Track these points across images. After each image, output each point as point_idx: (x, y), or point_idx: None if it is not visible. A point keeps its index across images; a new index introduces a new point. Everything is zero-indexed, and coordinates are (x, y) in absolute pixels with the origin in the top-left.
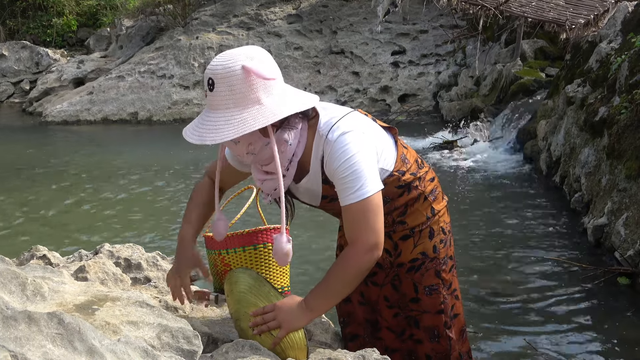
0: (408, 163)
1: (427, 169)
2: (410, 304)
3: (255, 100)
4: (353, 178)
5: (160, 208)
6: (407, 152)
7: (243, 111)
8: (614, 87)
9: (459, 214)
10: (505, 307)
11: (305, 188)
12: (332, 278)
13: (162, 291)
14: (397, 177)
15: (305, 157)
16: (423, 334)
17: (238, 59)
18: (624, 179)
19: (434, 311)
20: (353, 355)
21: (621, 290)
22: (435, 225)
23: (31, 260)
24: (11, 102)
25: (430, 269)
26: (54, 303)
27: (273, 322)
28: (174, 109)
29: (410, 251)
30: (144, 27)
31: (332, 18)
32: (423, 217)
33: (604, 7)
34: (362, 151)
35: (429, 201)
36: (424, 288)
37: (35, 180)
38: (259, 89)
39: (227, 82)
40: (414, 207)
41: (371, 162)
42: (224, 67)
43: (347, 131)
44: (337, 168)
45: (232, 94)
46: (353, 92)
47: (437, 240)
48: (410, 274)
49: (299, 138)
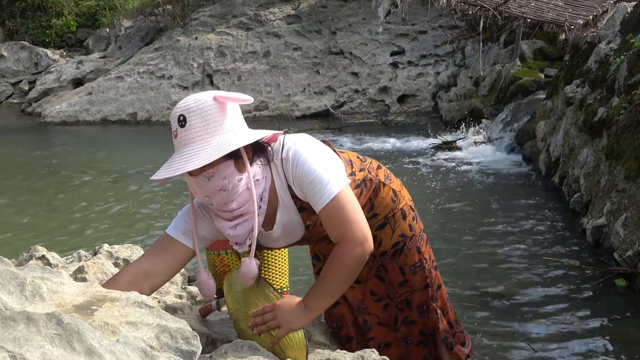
0: (353, 163)
1: (369, 160)
2: (399, 288)
3: (229, 129)
4: (319, 180)
5: (159, 209)
6: (347, 154)
7: (221, 136)
8: (613, 88)
9: (457, 214)
10: (504, 308)
11: (281, 227)
12: (327, 277)
13: (161, 292)
14: (352, 180)
15: (271, 192)
16: (415, 313)
17: (207, 95)
18: (623, 180)
19: (422, 287)
20: (352, 355)
21: (620, 290)
22: (404, 205)
23: (30, 261)
24: (10, 103)
25: (411, 247)
26: (53, 304)
27: (272, 322)
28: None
29: (390, 237)
30: (143, 27)
31: (331, 18)
32: (390, 203)
33: (603, 8)
34: (315, 154)
35: (388, 185)
36: (409, 268)
37: (34, 181)
38: (233, 117)
39: (201, 113)
40: (379, 197)
41: (329, 162)
42: (196, 101)
43: (294, 143)
44: (301, 176)
45: (207, 124)
46: (352, 93)
47: (410, 218)
48: (395, 258)
49: (264, 173)
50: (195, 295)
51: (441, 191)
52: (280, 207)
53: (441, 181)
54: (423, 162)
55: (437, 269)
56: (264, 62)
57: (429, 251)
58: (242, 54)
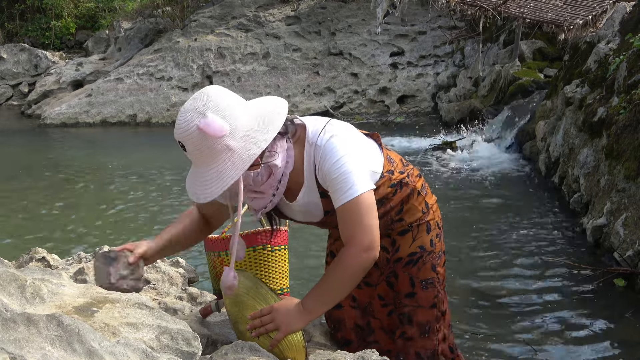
0: (394, 163)
1: (411, 167)
2: (405, 299)
3: (223, 149)
4: (343, 178)
5: (159, 210)
6: (391, 153)
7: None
8: (612, 88)
9: (457, 215)
10: (503, 308)
11: (302, 204)
12: (329, 279)
13: (161, 293)
14: (388, 178)
15: (297, 171)
16: (415, 330)
17: (192, 117)
18: (623, 179)
19: (428, 305)
20: (352, 356)
21: (620, 290)
22: (431, 220)
23: (30, 263)
24: (10, 105)
25: (427, 262)
26: (53, 305)
27: (271, 325)
28: (172, 111)
29: (409, 245)
30: (143, 29)
31: (330, 20)
32: (419, 212)
33: (602, 8)
34: (350, 153)
35: (422, 196)
36: (420, 282)
37: (34, 182)
38: (223, 137)
39: (191, 143)
40: (410, 204)
41: (360, 163)
42: (184, 130)
43: (334, 135)
44: (328, 170)
45: (201, 153)
46: (352, 94)
47: (434, 234)
48: (408, 268)
49: (288, 158)
50: (195, 297)
51: (441, 191)
52: (304, 186)
53: (441, 181)
54: (423, 162)
55: (445, 294)
56: (263, 64)
57: (443, 273)
58: (242, 55)
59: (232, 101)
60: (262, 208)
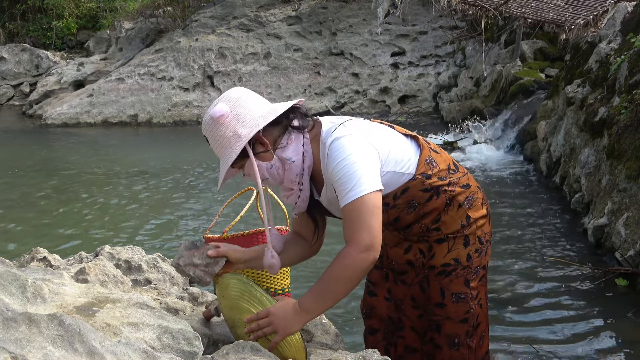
0: (435, 167)
1: (460, 175)
2: (435, 308)
3: (234, 136)
4: (345, 180)
5: (160, 210)
6: (437, 156)
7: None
8: (613, 88)
9: None
10: (505, 307)
11: (326, 200)
12: (327, 279)
13: (162, 293)
14: (421, 181)
15: (317, 167)
16: (443, 340)
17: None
18: (624, 179)
19: (458, 319)
20: (353, 356)
21: (621, 290)
22: (472, 234)
23: (32, 263)
24: (11, 105)
25: (460, 276)
26: (55, 305)
27: (268, 328)
28: (173, 111)
29: (444, 255)
30: (144, 29)
31: (331, 19)
32: (457, 225)
33: (603, 8)
34: (355, 153)
35: (464, 208)
36: (451, 295)
37: (35, 182)
38: (233, 125)
39: (209, 134)
40: (448, 215)
41: (366, 164)
42: (203, 122)
43: (341, 136)
44: (332, 171)
45: (217, 142)
46: (353, 94)
47: (472, 249)
48: (440, 278)
49: (304, 152)
50: (196, 297)
51: None
52: (325, 183)
53: None
54: None
55: (482, 308)
56: (264, 64)
57: (480, 289)
58: (243, 55)
59: (246, 96)
60: (294, 203)
